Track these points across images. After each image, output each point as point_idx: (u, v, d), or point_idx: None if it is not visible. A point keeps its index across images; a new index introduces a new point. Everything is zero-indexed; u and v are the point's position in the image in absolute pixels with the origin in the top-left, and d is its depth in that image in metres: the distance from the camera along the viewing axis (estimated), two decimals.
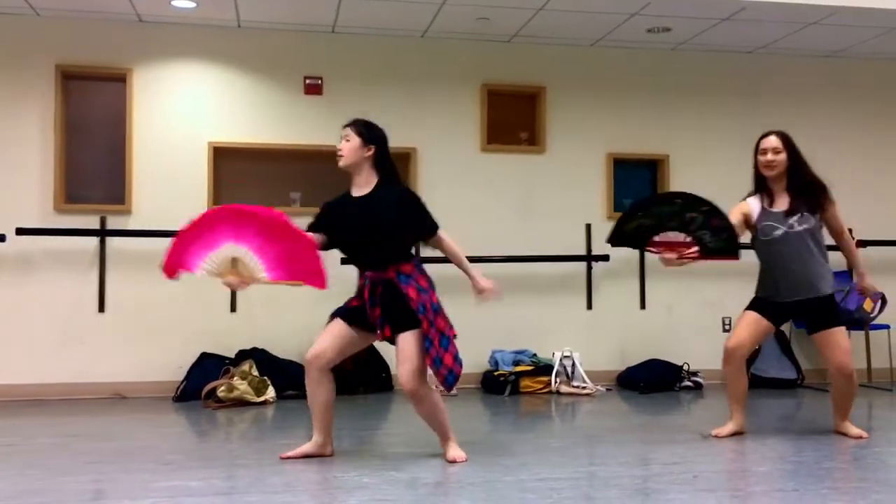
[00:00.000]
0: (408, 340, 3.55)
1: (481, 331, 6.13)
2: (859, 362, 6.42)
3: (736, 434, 4.16)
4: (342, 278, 5.98)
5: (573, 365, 5.97)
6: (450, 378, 3.57)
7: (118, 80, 5.83)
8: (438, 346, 3.57)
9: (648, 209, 4.00)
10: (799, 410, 5.52)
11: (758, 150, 4.15)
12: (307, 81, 6.06)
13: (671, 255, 3.88)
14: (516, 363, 5.94)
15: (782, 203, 4.08)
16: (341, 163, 3.71)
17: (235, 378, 5.35)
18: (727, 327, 6.53)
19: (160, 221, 5.75)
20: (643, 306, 6.45)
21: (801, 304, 4.06)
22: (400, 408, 5.35)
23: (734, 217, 4.06)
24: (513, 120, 6.40)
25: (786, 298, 4.06)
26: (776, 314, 4.14)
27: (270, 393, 5.41)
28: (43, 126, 5.68)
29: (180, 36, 5.91)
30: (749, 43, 6.38)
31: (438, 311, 3.66)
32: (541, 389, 5.86)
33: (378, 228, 3.55)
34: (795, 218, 4.03)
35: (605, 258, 6.29)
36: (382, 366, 5.94)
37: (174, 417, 5.04)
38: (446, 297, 6.12)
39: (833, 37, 6.17)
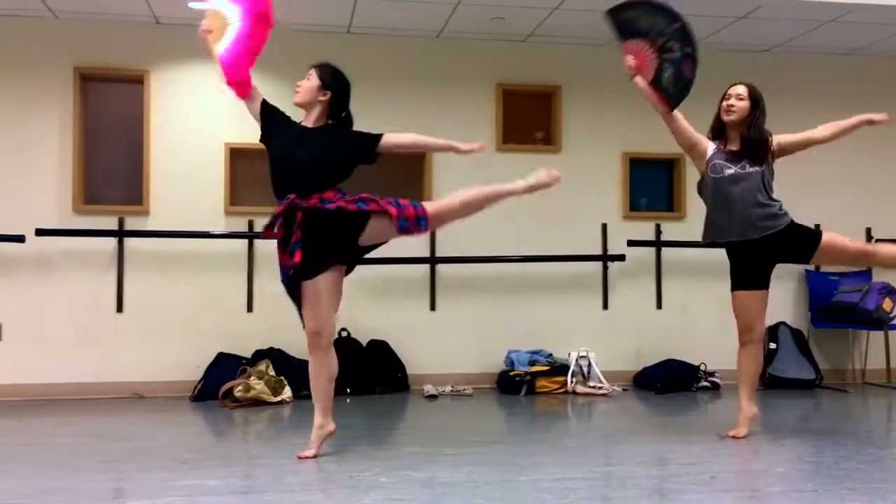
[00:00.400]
0: (327, 279, 3.60)
1: (497, 331, 6.14)
2: (878, 363, 6.40)
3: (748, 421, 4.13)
4: (359, 276, 6.01)
5: (589, 365, 5.96)
6: (422, 222, 3.71)
7: (136, 81, 5.87)
8: (399, 210, 3.67)
9: (654, 12, 4.03)
10: (817, 411, 5.48)
11: (723, 97, 4.17)
12: None
13: (634, 63, 4.04)
14: (532, 363, 5.94)
15: (734, 147, 4.11)
16: (295, 98, 3.75)
17: (252, 378, 5.37)
18: None
19: (178, 222, 5.80)
20: (659, 306, 6.43)
21: (762, 244, 4.01)
22: (416, 407, 5.36)
23: (692, 130, 4.13)
24: (528, 119, 6.39)
25: (739, 237, 4.03)
26: (755, 269, 4.07)
27: (287, 393, 5.42)
28: (62, 128, 5.73)
29: (196, 37, 5.92)
30: (765, 41, 6.34)
31: (377, 197, 3.70)
32: (557, 389, 5.85)
33: (307, 158, 3.59)
34: (747, 160, 4.04)
35: (622, 258, 6.27)
36: (398, 366, 5.95)
37: (191, 417, 5.07)
38: (458, 296, 6.17)
39: (850, 35, 6.12)
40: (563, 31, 6.04)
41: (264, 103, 3.85)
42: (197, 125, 5.95)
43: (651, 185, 6.52)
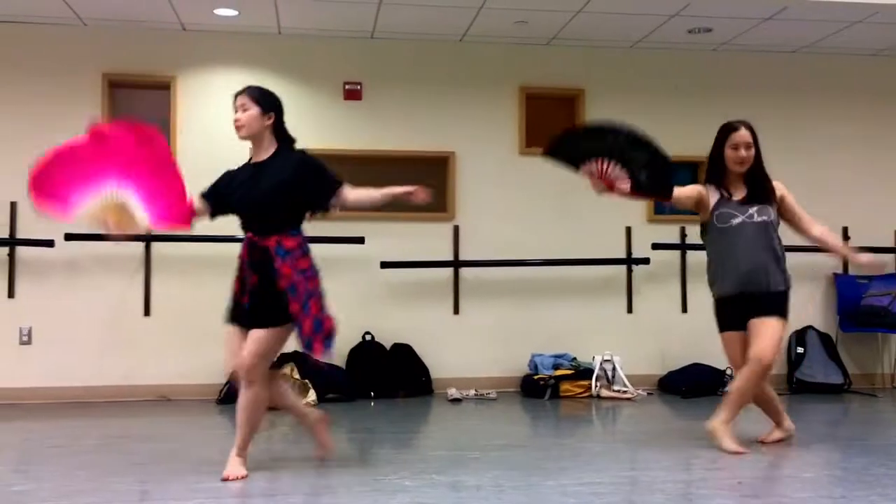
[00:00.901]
0: (260, 335, 3.38)
1: (521, 334, 6.13)
2: None
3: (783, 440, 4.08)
4: (383, 280, 6.03)
5: (614, 369, 5.93)
6: (328, 341, 3.47)
7: (163, 87, 5.94)
8: (309, 331, 3.40)
9: (603, 136, 3.81)
10: (846, 416, 5.40)
11: (726, 142, 3.93)
12: (347, 87, 6.11)
13: (601, 184, 3.74)
14: (556, 367, 5.92)
15: (739, 194, 3.92)
16: (241, 133, 3.51)
17: None
18: None
19: (203, 226, 5.82)
20: (685, 310, 6.38)
21: (752, 297, 3.86)
22: (440, 411, 5.37)
23: (691, 190, 3.94)
24: (551, 123, 6.34)
25: (736, 290, 3.87)
26: (736, 317, 3.92)
27: (311, 396, 5.45)
28: None
29: (223, 43, 6.00)
30: (792, 42, 6.28)
31: (313, 295, 3.47)
32: (581, 393, 5.83)
33: (268, 191, 3.41)
34: (755, 208, 3.87)
35: (646, 261, 6.23)
36: (422, 369, 5.95)
37: (218, 419, 5.11)
38: (482, 300, 6.16)
39: (878, 35, 6.05)
40: (587, 34, 6.02)
41: (210, 191, 3.59)
42: (223, 130, 5.95)
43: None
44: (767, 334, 3.80)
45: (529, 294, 6.21)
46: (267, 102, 3.55)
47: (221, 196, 3.55)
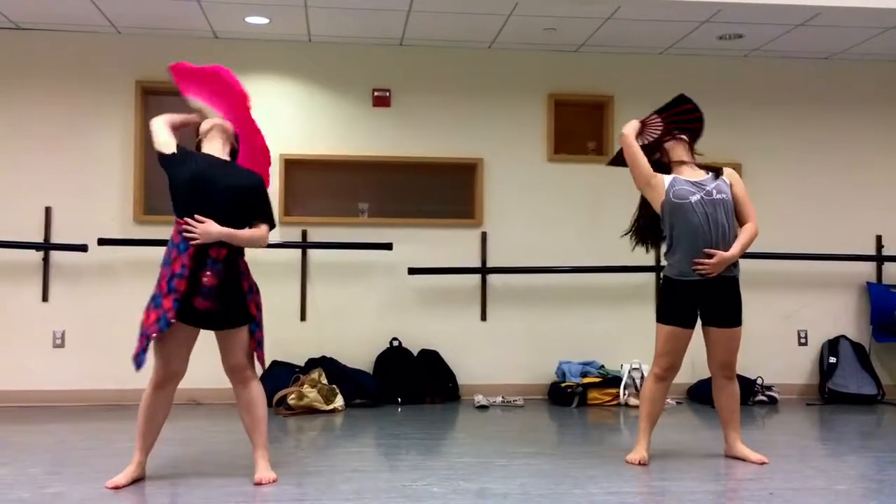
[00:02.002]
0: (243, 332, 3.54)
1: (548, 341, 6.11)
2: None
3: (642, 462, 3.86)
4: (410, 287, 6.05)
5: (642, 377, 5.87)
6: (262, 357, 3.64)
7: None
8: (260, 329, 3.61)
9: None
10: (879, 427, 5.32)
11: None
12: (375, 94, 6.14)
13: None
14: (584, 374, 5.89)
15: (695, 175, 3.94)
16: (214, 134, 3.69)
17: (305, 386, 5.43)
18: (803, 340, 6.36)
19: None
20: None
21: (708, 283, 3.82)
22: (467, 418, 5.36)
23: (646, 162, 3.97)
24: (580, 129, 6.36)
25: (694, 275, 3.81)
26: (687, 309, 3.87)
27: (339, 401, 5.47)
28: (124, 140, 5.89)
29: (253, 51, 6.06)
30: (825, 49, 6.21)
31: (258, 293, 3.64)
32: (609, 402, 5.79)
33: (243, 190, 3.52)
34: (713, 185, 3.87)
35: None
36: (449, 376, 5.95)
37: None
38: (509, 307, 6.15)
39: None
40: (616, 40, 6.00)
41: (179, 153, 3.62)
42: None
43: None
44: (734, 348, 3.92)
45: (557, 301, 6.19)
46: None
47: (181, 158, 3.57)
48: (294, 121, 6.14)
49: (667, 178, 3.93)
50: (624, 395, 5.79)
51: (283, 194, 6.02)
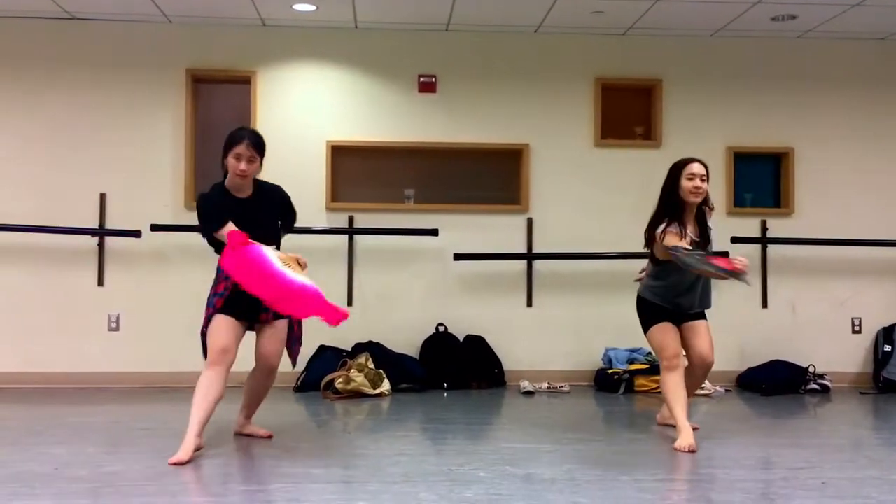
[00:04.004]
0: (283, 323, 3.88)
1: (595, 328, 6.08)
2: None
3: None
4: (456, 272, 6.06)
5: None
6: (297, 352, 4.02)
7: (243, 82, 6.08)
8: (298, 326, 3.94)
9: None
10: None
11: (681, 175, 4.06)
12: (421, 80, 6.14)
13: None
14: (631, 361, 5.85)
15: (692, 231, 4.07)
16: (245, 182, 3.84)
17: (352, 370, 5.49)
18: (857, 328, 6.23)
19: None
20: (765, 305, 6.22)
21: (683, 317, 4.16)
22: (513, 403, 5.37)
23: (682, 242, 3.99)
24: (627, 114, 6.29)
25: (681, 311, 4.14)
26: (668, 315, 4.16)
27: (386, 386, 5.52)
28: (175, 127, 5.99)
29: (301, 38, 6.11)
30: (881, 29, 6.03)
31: None
32: (656, 389, 5.73)
33: (265, 225, 3.84)
34: (709, 243, 4.09)
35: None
36: (495, 361, 5.96)
37: (295, 407, 5.22)
38: (555, 293, 6.13)
39: None
40: (665, 23, 5.91)
41: (208, 203, 3.86)
42: (300, 124, 6.12)
43: (757, 180, 6.31)
44: (708, 336, 4.18)
45: (603, 287, 6.14)
46: (263, 151, 3.88)
47: (219, 213, 3.80)
48: (340, 107, 6.17)
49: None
50: None
51: (329, 181, 6.07)
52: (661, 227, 4.00)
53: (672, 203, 4.05)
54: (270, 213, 3.92)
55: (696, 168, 4.05)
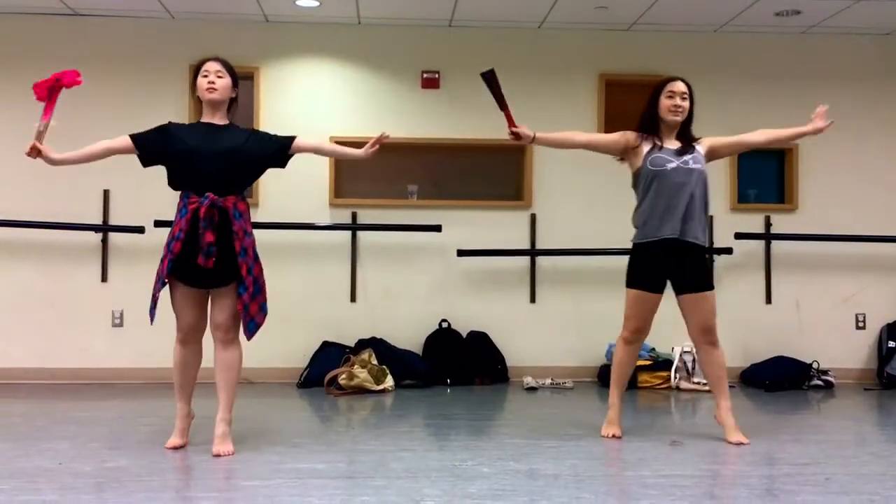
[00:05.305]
0: (231, 292, 3.62)
1: (598, 324, 6.06)
2: None
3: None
4: (460, 268, 6.06)
5: (693, 360, 5.80)
6: (251, 326, 3.65)
7: (246, 78, 6.05)
8: (251, 293, 3.62)
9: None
10: None
11: (661, 93, 3.96)
12: (424, 75, 6.14)
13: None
14: None
15: (672, 145, 3.95)
16: (214, 96, 3.68)
17: (356, 366, 5.49)
18: (861, 324, 6.22)
19: (284, 214, 5.98)
20: (769, 301, 6.21)
21: (678, 249, 3.88)
22: (516, 399, 5.37)
23: (615, 136, 4.07)
24: (631, 110, 6.19)
25: (667, 234, 3.87)
26: (654, 275, 3.95)
27: (389, 382, 5.52)
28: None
29: (304, 34, 6.10)
30: (885, 24, 6.01)
31: (257, 259, 3.71)
32: (660, 385, 5.74)
33: (232, 150, 3.60)
34: (690, 156, 3.90)
35: (728, 251, 6.08)
36: (498, 357, 5.96)
37: (299, 402, 5.23)
38: (558, 288, 6.12)
39: None
40: (669, 18, 5.89)
41: (142, 136, 3.80)
42: (304, 119, 6.11)
43: (761, 175, 6.30)
44: (710, 310, 3.92)
45: (607, 283, 6.11)
46: (235, 77, 3.79)
47: (159, 144, 3.70)
48: (343, 103, 6.17)
49: (645, 145, 3.98)
50: (675, 378, 5.74)
51: (333, 176, 6.07)
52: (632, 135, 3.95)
53: (649, 119, 3.99)
54: (237, 143, 3.63)
55: (677, 86, 3.94)
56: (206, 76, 3.69)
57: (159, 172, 5.95)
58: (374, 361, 5.58)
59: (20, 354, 5.81)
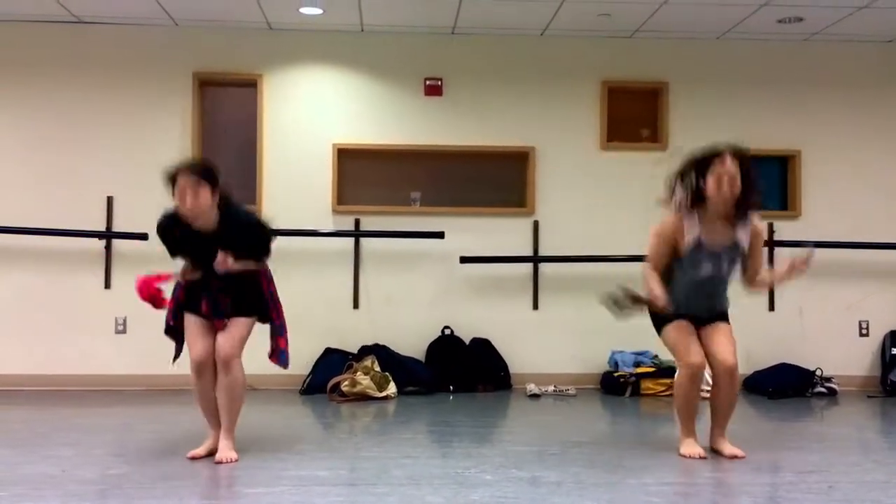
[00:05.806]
0: (242, 321, 3.70)
1: (601, 331, 6.02)
2: None
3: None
4: (462, 275, 6.06)
5: None
6: (283, 356, 3.86)
7: (250, 85, 6.10)
8: (286, 339, 3.83)
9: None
10: None
11: (707, 169, 3.51)
12: (427, 83, 6.15)
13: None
14: (637, 364, 5.84)
15: (716, 233, 3.59)
16: (198, 220, 3.59)
17: (358, 373, 5.49)
18: (864, 331, 6.21)
19: (287, 221, 5.96)
20: (772, 308, 6.20)
21: (702, 319, 3.76)
22: (519, 406, 5.37)
23: (659, 247, 3.69)
24: (634, 117, 6.28)
25: (692, 312, 3.73)
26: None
27: (392, 388, 5.52)
28: (182, 130, 6.01)
29: (307, 42, 6.12)
30: (889, 32, 6.02)
31: (278, 301, 3.87)
32: (662, 392, 5.73)
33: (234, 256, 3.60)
34: (727, 254, 3.62)
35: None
36: (501, 364, 5.96)
37: (301, 409, 5.23)
38: (561, 295, 6.11)
39: None
40: (672, 25, 5.90)
41: (164, 235, 3.85)
42: (306, 126, 6.13)
43: (764, 182, 6.28)
44: (727, 338, 3.70)
45: (610, 290, 6.12)
46: (212, 178, 3.55)
47: (176, 242, 3.82)
48: (346, 110, 6.19)
49: (687, 230, 3.62)
50: None
51: (335, 183, 6.08)
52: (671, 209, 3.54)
53: (693, 195, 3.53)
54: (231, 246, 3.58)
55: (722, 170, 3.46)
56: (183, 193, 3.52)
57: (160, 178, 6.00)
58: (377, 368, 5.59)
59: (24, 360, 5.82)
